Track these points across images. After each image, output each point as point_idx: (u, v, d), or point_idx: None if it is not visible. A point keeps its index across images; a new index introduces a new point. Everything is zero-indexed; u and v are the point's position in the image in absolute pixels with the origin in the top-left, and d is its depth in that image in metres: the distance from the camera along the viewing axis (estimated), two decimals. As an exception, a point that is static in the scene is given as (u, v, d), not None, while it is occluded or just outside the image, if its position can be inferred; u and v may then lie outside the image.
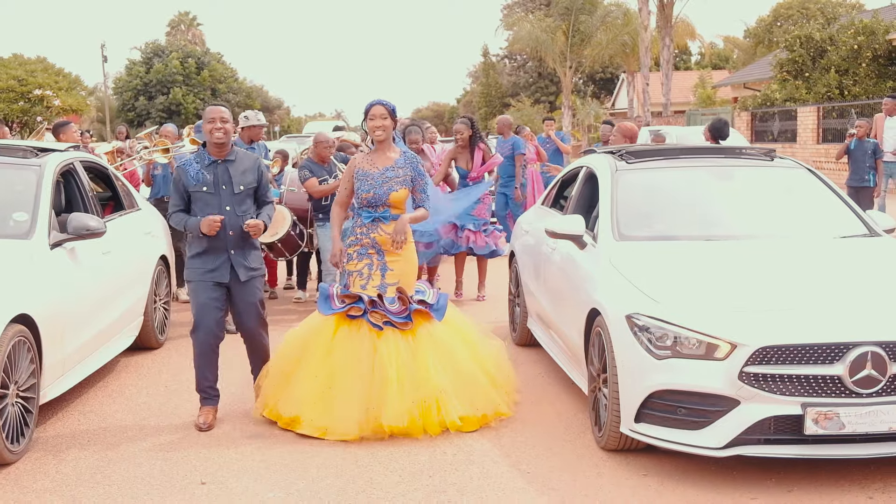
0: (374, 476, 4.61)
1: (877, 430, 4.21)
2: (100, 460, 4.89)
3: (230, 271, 5.44)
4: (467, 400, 5.28)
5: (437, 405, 5.17)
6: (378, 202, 5.48)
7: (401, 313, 5.34)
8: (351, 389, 5.16)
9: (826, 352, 4.23)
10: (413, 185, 5.57)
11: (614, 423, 4.70)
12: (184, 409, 5.77)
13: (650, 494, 4.33)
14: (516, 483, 4.51)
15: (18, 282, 5.09)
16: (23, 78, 41.95)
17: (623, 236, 5.47)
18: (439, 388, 5.20)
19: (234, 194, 5.45)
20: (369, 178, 5.51)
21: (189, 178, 5.44)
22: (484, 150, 9.19)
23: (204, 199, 5.41)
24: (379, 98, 5.56)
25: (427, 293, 5.57)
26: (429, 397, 5.17)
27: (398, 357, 5.23)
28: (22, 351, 4.90)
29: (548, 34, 33.64)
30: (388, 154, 5.58)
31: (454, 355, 5.39)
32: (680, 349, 4.39)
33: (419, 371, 5.23)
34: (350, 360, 5.25)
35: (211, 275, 5.41)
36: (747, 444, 4.29)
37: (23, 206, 5.68)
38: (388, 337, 5.29)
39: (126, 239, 6.93)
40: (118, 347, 6.63)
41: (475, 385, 5.36)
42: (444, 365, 5.31)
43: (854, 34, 24.14)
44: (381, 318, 5.31)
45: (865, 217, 5.81)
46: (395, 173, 5.51)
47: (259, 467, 4.77)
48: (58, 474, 4.66)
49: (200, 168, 5.45)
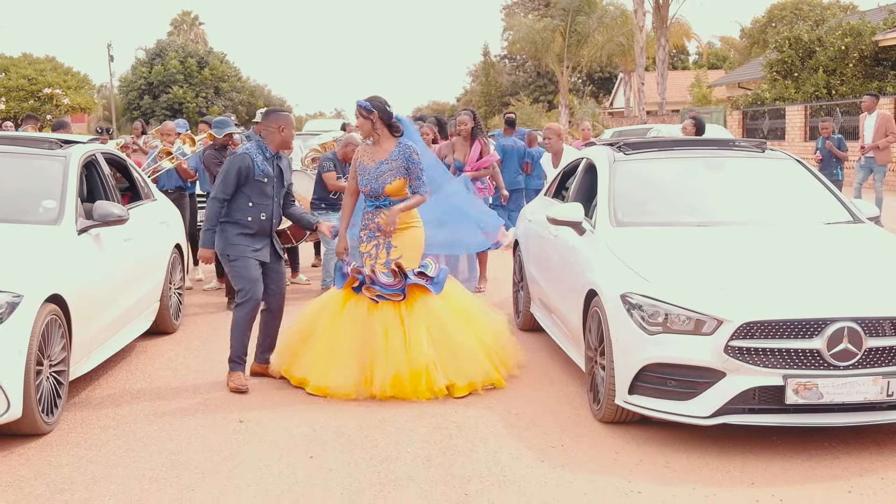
0: (386, 416, 5.43)
1: (853, 400, 4.54)
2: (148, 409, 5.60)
3: (271, 252, 6.12)
4: (456, 368, 5.75)
5: (427, 373, 5.65)
6: (375, 194, 5.97)
7: (393, 286, 5.83)
8: (349, 356, 5.79)
9: (806, 327, 4.55)
10: (408, 172, 5.96)
11: (610, 396, 5.03)
12: (215, 374, 6.40)
13: (630, 462, 4.68)
14: (519, 450, 4.87)
15: (50, 264, 5.37)
16: (32, 77, 42.35)
17: (619, 223, 5.80)
18: (428, 356, 5.69)
19: (283, 188, 6.17)
20: (366, 172, 6.00)
21: (257, 167, 5.97)
22: (483, 145, 9.22)
23: (262, 188, 6.01)
24: (358, 99, 5.98)
25: (430, 267, 6.00)
26: (419, 365, 5.66)
27: (387, 328, 5.78)
28: (54, 329, 5.19)
29: (545, 35, 33.90)
30: (384, 146, 6.00)
31: (446, 326, 5.86)
32: (670, 325, 4.73)
33: (411, 341, 5.74)
34: (351, 330, 5.88)
35: (256, 253, 6.03)
36: (733, 413, 4.62)
37: (51, 195, 5.96)
38: (381, 309, 5.87)
39: (144, 227, 7.21)
40: (137, 330, 6.96)
41: (466, 354, 5.80)
42: (436, 335, 5.81)
43: (841, 35, 24.66)
44: (373, 292, 5.86)
45: (850, 205, 6.12)
46: (389, 166, 5.94)
47: (288, 410, 5.61)
48: (114, 422, 5.12)
49: (264, 160, 6.02)
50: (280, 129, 6.04)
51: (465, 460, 4.73)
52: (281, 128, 6.05)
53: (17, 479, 4.50)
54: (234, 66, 53.64)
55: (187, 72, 49.79)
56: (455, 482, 4.44)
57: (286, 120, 6.10)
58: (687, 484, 4.36)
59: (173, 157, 9.54)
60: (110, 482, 4.48)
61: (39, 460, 4.77)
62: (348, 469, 4.62)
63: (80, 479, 4.52)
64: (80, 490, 4.38)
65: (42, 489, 4.39)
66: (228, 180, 5.93)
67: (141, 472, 4.61)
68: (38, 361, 4.98)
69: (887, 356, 4.59)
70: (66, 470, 4.63)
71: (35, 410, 4.94)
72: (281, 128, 6.05)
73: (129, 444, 5.04)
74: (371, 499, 4.26)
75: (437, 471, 4.58)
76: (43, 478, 4.53)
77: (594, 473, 4.52)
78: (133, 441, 5.08)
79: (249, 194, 5.96)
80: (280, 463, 4.72)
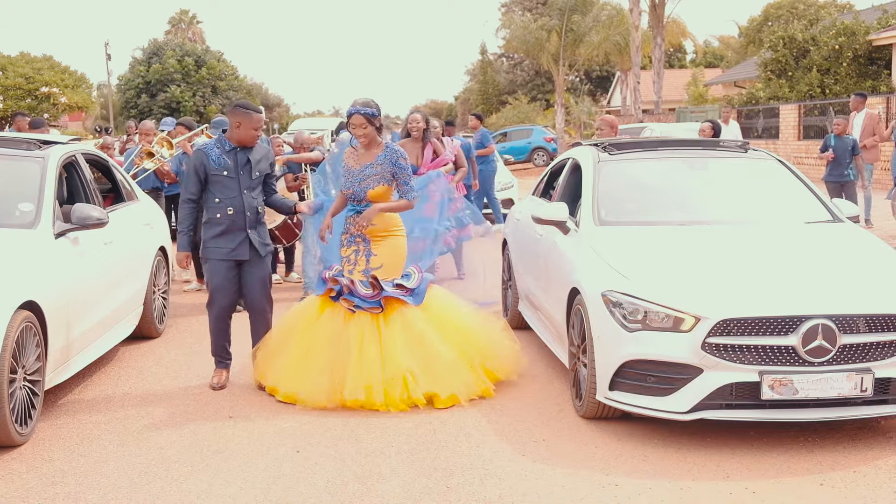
0: (371, 413, 5.52)
1: (827, 396, 4.64)
2: (139, 406, 5.56)
3: (249, 249, 6.00)
4: (436, 380, 5.60)
5: (404, 383, 5.55)
6: (357, 198, 5.83)
7: (371, 298, 5.72)
8: (322, 364, 5.66)
9: (781, 324, 4.65)
10: (395, 179, 5.82)
11: (592, 392, 5.12)
12: (206, 372, 6.41)
13: (609, 456, 4.79)
14: (500, 444, 4.97)
15: (25, 270, 5.20)
16: (30, 76, 42.41)
17: (603, 222, 5.88)
18: (405, 367, 5.57)
19: (252, 179, 6.00)
20: (351, 175, 5.84)
21: (211, 161, 5.91)
22: (435, 146, 8.93)
23: (223, 182, 5.94)
24: (357, 106, 5.77)
25: (412, 277, 5.87)
26: (395, 376, 5.55)
27: (362, 338, 5.66)
28: (29, 337, 5.02)
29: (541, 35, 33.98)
30: (373, 151, 5.85)
31: (425, 338, 5.72)
32: (650, 322, 4.82)
33: (386, 351, 5.63)
34: (327, 338, 5.76)
35: (232, 253, 5.97)
36: (710, 408, 4.72)
37: (28, 197, 5.79)
38: (357, 319, 5.73)
39: (126, 230, 7.07)
40: (119, 335, 6.77)
41: (446, 366, 5.66)
42: (414, 346, 5.68)
43: (835, 35, 24.82)
44: (349, 304, 5.75)
45: (830, 205, 6.19)
46: (374, 170, 5.78)
47: (277, 406, 5.73)
48: (105, 417, 5.22)
49: (221, 153, 5.95)
50: (237, 126, 5.93)
51: (449, 454, 4.84)
52: (238, 124, 5.93)
53: (8, 473, 4.61)
54: (231, 65, 53.71)
55: (185, 71, 49.88)
56: (437, 475, 4.55)
57: (243, 116, 5.93)
58: (663, 477, 4.47)
59: (155, 159, 9.62)
60: (100, 475, 4.59)
61: (31, 455, 4.87)
62: (333, 463, 4.73)
63: (72, 472, 4.64)
64: (71, 483, 4.49)
65: (34, 482, 4.50)
66: (190, 179, 5.97)
67: (131, 465, 4.73)
68: (11, 370, 4.82)
69: (861, 353, 4.69)
70: (58, 464, 4.74)
71: (8, 421, 4.77)
72: (238, 124, 5.93)
73: (119, 438, 5.15)
74: (355, 490, 4.37)
75: (421, 464, 4.70)
76: (35, 471, 4.64)
77: (573, 467, 4.63)
78: (124, 436, 5.19)
79: (214, 191, 5.94)
80: (267, 457, 4.84)
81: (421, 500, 4.26)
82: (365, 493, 4.34)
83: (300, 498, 4.29)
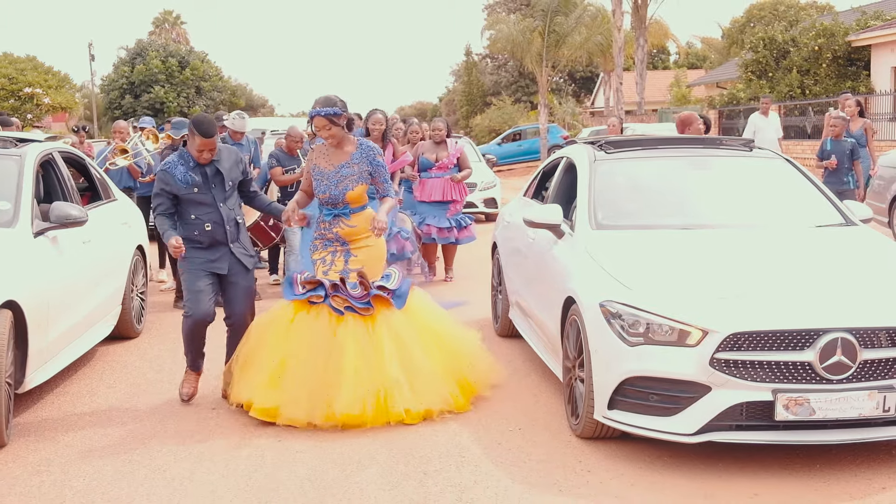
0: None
1: (847, 417, 4.22)
2: (123, 399, 5.68)
3: (231, 262, 5.61)
4: (414, 392, 5.22)
5: (388, 396, 5.15)
6: (335, 201, 5.45)
7: (362, 298, 5.29)
8: (303, 375, 5.16)
9: (796, 338, 4.25)
10: (373, 177, 5.51)
11: (589, 410, 4.71)
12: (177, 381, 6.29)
13: (584, 444, 4.88)
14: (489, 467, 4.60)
15: (4, 269, 5.10)
16: (13, 76, 42.25)
17: (600, 225, 5.46)
18: (392, 378, 5.18)
19: (226, 190, 5.58)
20: (325, 177, 5.46)
21: (177, 181, 5.48)
22: (394, 146, 9.15)
23: (196, 198, 5.51)
24: (317, 108, 5.37)
25: (392, 278, 5.47)
26: (382, 387, 5.16)
27: (356, 344, 5.21)
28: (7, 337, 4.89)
29: (525, 36, 34.13)
30: (345, 148, 5.50)
31: (407, 346, 5.32)
32: (652, 336, 4.40)
33: (376, 360, 5.20)
34: (305, 346, 5.25)
35: (212, 265, 5.57)
36: (719, 430, 4.30)
37: (5, 196, 5.70)
38: (347, 323, 5.27)
39: (104, 229, 6.96)
40: (98, 336, 6.67)
41: (426, 378, 5.29)
42: (397, 355, 5.26)
43: (815, 36, 25.14)
44: (342, 302, 5.29)
45: (842, 207, 5.78)
46: (351, 170, 5.44)
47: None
48: (90, 409, 5.36)
49: (187, 170, 5.50)
50: (201, 151, 5.46)
51: (426, 443, 4.95)
52: (189, 139, 5.50)
53: (-5, 462, 4.71)
54: (215, 66, 53.59)
55: (169, 71, 49.76)
56: (415, 462, 4.66)
57: (189, 135, 5.45)
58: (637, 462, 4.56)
59: (128, 155, 9.74)
60: (85, 464, 4.69)
61: (17, 444, 4.96)
62: (314, 451, 4.84)
63: (57, 461, 4.74)
64: (57, 471, 4.59)
65: (19, 471, 4.59)
66: (159, 198, 5.55)
67: (115, 454, 4.83)
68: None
69: (883, 369, 4.29)
70: (43, 453, 4.84)
71: (2, 421, 4.75)
72: (189, 139, 5.50)
73: (104, 429, 5.25)
74: (334, 477, 4.49)
75: (399, 452, 4.81)
76: (20, 461, 4.73)
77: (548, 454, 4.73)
78: (108, 426, 5.30)
79: (188, 209, 5.52)
80: (249, 446, 4.94)
81: (399, 485, 4.38)
82: (344, 480, 4.45)
83: (281, 485, 4.40)
